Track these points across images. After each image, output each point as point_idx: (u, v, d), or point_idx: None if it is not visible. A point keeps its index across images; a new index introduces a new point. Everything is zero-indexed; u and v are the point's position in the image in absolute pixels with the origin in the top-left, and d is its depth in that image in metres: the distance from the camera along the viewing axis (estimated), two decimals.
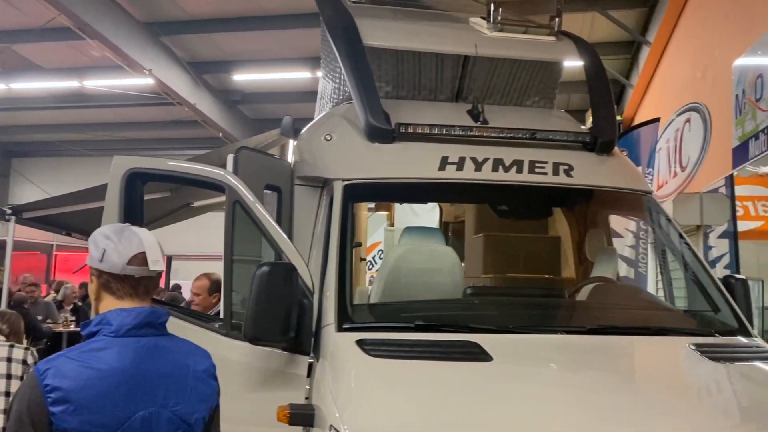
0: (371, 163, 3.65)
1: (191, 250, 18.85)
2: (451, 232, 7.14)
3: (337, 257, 3.24)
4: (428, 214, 9.21)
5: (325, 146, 3.83)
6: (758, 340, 3.21)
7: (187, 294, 12.29)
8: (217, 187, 3.47)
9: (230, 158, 3.78)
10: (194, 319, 3.46)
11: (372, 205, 9.44)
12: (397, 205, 9.31)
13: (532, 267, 5.23)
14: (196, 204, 7.73)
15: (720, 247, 8.69)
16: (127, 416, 1.85)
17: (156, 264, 2.02)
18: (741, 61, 6.51)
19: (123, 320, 1.93)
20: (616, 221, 8.60)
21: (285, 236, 3.26)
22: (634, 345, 3.08)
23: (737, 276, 3.66)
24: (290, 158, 4.73)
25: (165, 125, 18.76)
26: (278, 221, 3.75)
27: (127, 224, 2.14)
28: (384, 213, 9.59)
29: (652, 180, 9.30)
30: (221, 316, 3.43)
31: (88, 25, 11.91)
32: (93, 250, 2.00)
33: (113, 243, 1.99)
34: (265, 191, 3.90)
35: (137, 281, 2.00)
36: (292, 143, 5.14)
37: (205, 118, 16.66)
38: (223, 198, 3.41)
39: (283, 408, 2.77)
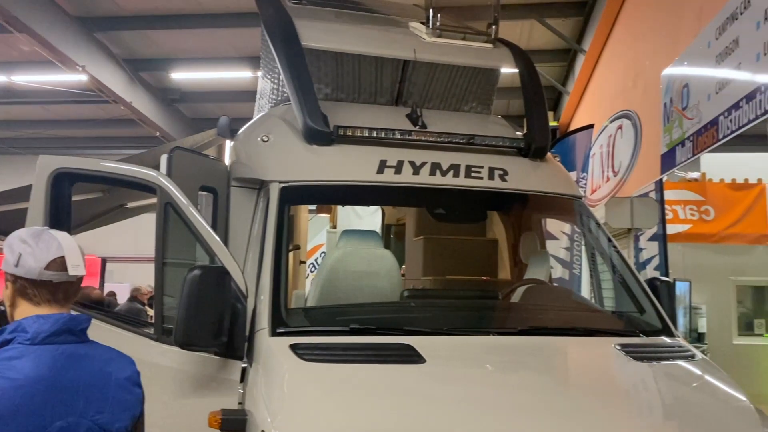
0: (309, 165, 3.63)
1: (126, 252, 18.34)
2: (393, 234, 7.19)
3: (272, 261, 3.20)
4: (371, 217, 9.23)
5: (262, 147, 3.79)
6: (680, 340, 3.34)
7: (122, 299, 11.94)
8: (148, 188, 3.39)
9: (164, 159, 3.70)
10: (124, 324, 3.37)
11: (313, 207, 9.40)
12: (339, 208, 9.30)
13: (470, 269, 5.31)
14: (131, 205, 7.50)
15: (650, 249, 9.03)
16: (44, 427, 1.78)
17: (76, 269, 1.95)
18: (669, 71, 6.78)
19: (40, 327, 1.86)
20: (553, 224, 8.84)
21: (218, 239, 3.21)
22: (562, 346, 3.16)
23: (662, 278, 3.81)
24: (227, 159, 4.66)
25: (100, 123, 18.19)
26: (214, 224, 3.69)
27: (45, 228, 2.06)
28: (326, 215, 9.56)
29: (586, 184, 9.59)
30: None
31: (16, 18, 11.42)
32: (8, 254, 1.92)
33: (30, 247, 1.91)
34: (200, 193, 3.83)
35: (55, 287, 1.93)
36: (228, 144, 5.06)
37: (141, 117, 16.23)
38: None
39: (214, 414, 2.72)
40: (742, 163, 11.23)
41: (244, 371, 3.03)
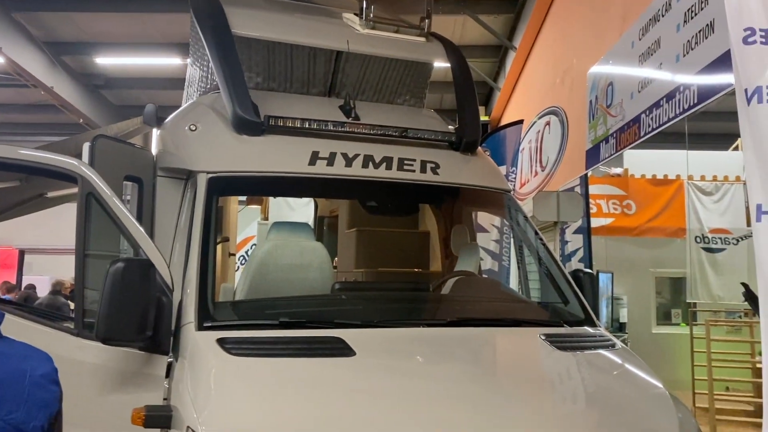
0: (238, 155, 3.56)
1: (47, 243, 17.56)
2: (326, 226, 7.16)
3: (199, 253, 3.13)
4: (303, 209, 9.15)
5: (190, 137, 3.69)
6: (602, 330, 3.47)
7: (42, 292, 11.44)
8: (68, 177, 3.24)
9: (86, 147, 3.55)
10: (42, 319, 3.22)
11: (243, 198, 9.25)
12: (271, 199, 9.17)
13: (402, 261, 5.35)
14: (51, 194, 7.18)
15: (575, 242, 9.34)
16: None
17: None
18: (595, 69, 6.99)
19: None
20: (483, 217, 9.01)
21: (143, 231, 3.11)
22: (490, 336, 3.23)
23: (585, 270, 3.94)
24: (153, 148, 4.52)
25: (18, 108, 17.29)
26: (139, 215, 3.57)
27: None
28: (257, 207, 9.42)
29: (515, 179, 9.81)
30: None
31: None
32: None
33: None
34: (124, 183, 3.70)
35: None
36: (155, 132, 4.91)
37: (63, 103, 15.54)
38: None
39: (138, 410, 2.64)
40: (663, 159, 11.74)
41: (169, 366, 2.96)
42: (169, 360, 2.96)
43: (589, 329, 3.44)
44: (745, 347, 7.71)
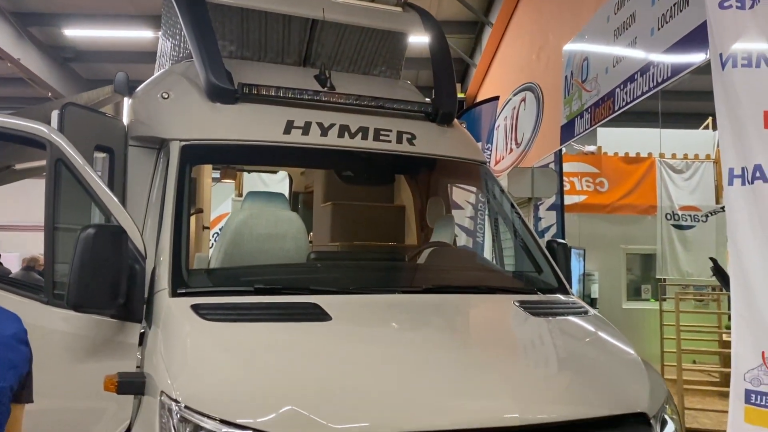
0: (211, 123, 3.51)
1: (15, 220, 17.21)
2: (301, 202, 7.12)
3: (173, 219, 3.09)
4: (278, 184, 9.08)
5: (162, 105, 3.63)
6: (574, 298, 3.52)
7: (11, 269, 11.21)
8: (36, 143, 3.17)
9: (55, 114, 3.47)
10: (11, 287, 3.16)
11: (217, 174, 9.14)
12: (245, 175, 9.08)
13: (378, 235, 5.35)
14: (20, 167, 7.01)
15: (548, 218, 9.42)
16: None
17: None
18: (570, 45, 7.01)
19: None
20: (459, 194, 9.03)
21: (114, 198, 3.06)
22: (465, 302, 3.25)
23: (559, 240, 3.98)
24: (124, 118, 4.44)
25: None
26: (110, 185, 3.50)
27: None
28: (231, 182, 9.32)
29: (490, 156, 9.84)
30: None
31: None
32: None
33: None
34: (95, 153, 3.62)
35: None
36: (126, 101, 4.82)
37: (31, 76, 15.14)
38: None
39: (110, 377, 2.62)
40: (636, 137, 11.87)
41: (142, 335, 2.93)
42: (142, 329, 2.93)
43: (562, 297, 3.48)
44: (712, 319, 7.90)
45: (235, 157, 4.64)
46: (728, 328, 5.08)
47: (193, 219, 5.53)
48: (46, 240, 3.08)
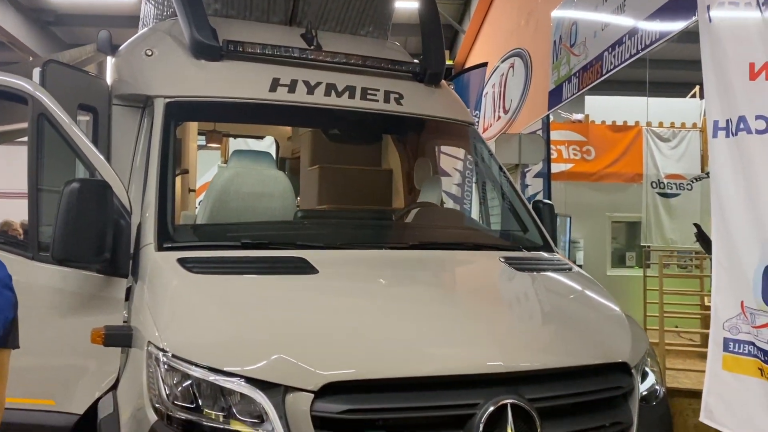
0: (196, 80, 3.48)
1: None
2: (288, 168, 7.09)
3: (158, 175, 3.07)
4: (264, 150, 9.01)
5: (147, 62, 3.59)
6: (559, 256, 3.55)
7: None
8: (17, 98, 3.13)
9: (36, 72, 3.42)
10: None
11: (203, 142, 9.07)
12: (231, 140, 9.01)
13: (365, 199, 5.34)
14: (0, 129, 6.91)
15: (535, 185, 9.46)
16: None
17: None
18: (559, 11, 6.95)
19: None
20: (446, 161, 9.03)
21: (98, 153, 3.03)
22: (451, 257, 3.28)
23: (545, 201, 4.02)
24: (108, 77, 4.38)
25: None
26: (94, 145, 3.47)
27: None
28: (217, 149, 9.25)
29: (478, 123, 9.80)
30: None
31: None
32: None
33: None
34: (78, 112, 3.58)
35: None
36: (109, 60, 4.74)
37: (11, 39, 14.83)
38: None
39: (97, 329, 2.63)
40: (623, 106, 11.87)
41: (129, 290, 2.93)
42: (129, 284, 2.93)
43: (547, 254, 3.52)
44: (694, 284, 8.01)
45: (220, 115, 4.61)
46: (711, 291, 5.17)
47: (178, 180, 5.50)
48: (30, 195, 3.07)
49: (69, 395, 2.95)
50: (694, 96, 12.47)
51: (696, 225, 9.19)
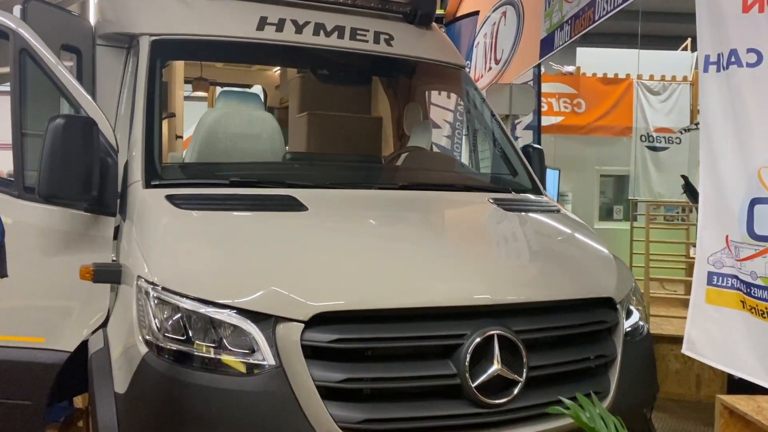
0: (182, 18, 3.41)
1: None
2: (276, 118, 6.99)
3: (144, 112, 3.03)
4: None
5: (131, 0, 3.50)
6: (547, 198, 3.57)
7: None
8: None
9: (17, 9, 3.32)
10: None
11: (190, 92, 8.93)
12: (218, 90, 8.87)
13: (354, 146, 5.31)
14: None
15: (525, 138, 9.43)
16: None
17: None
18: None
19: None
20: (435, 113, 8.96)
21: (82, 90, 2.98)
22: (440, 197, 3.29)
23: (534, 145, 4.01)
24: (91, 18, 4.28)
25: None
26: None
27: None
28: (204, 99, 9.12)
29: (469, 73, 9.71)
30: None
31: None
32: None
33: None
34: (61, 53, 3.50)
35: None
36: (92, 1, 4.64)
37: None
38: None
39: (86, 266, 2.62)
40: (614, 58, 11.78)
41: (117, 229, 2.92)
42: (117, 224, 2.92)
43: (534, 196, 3.53)
44: (681, 235, 8.10)
45: (206, 54, 4.53)
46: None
47: (165, 124, 5.44)
48: (14, 133, 3.02)
49: (58, 333, 2.96)
50: (685, 49, 12.38)
51: (683, 177, 9.24)
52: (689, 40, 12.18)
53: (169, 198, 2.69)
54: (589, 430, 1.20)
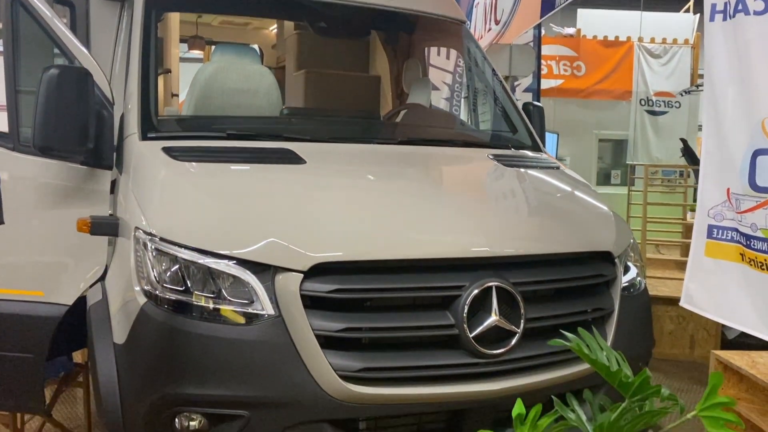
0: None
1: None
2: None
3: (140, 64, 2.98)
4: None
5: None
6: (546, 155, 3.55)
7: None
8: None
9: None
10: None
11: (185, 52, 8.81)
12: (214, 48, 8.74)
13: (352, 105, 5.26)
14: None
15: (524, 100, 9.35)
16: None
17: None
18: None
19: None
20: (435, 74, 8.87)
21: (76, 41, 2.93)
22: (440, 152, 3.27)
23: (535, 103, 3.97)
24: None
25: None
26: None
27: None
28: (200, 58, 9.00)
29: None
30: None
31: None
32: None
33: None
34: (55, 7, 3.43)
35: None
36: None
37: None
38: None
39: (83, 219, 2.60)
40: (616, 20, 11.64)
41: (113, 184, 2.89)
42: (114, 177, 2.90)
43: (535, 153, 3.51)
44: (678, 198, 8.11)
45: (201, 5, 4.45)
46: (693, 206, 5.22)
47: (161, 80, 5.37)
48: (8, 84, 2.97)
49: (57, 287, 2.95)
50: (687, 11, 12.23)
51: (683, 140, 9.21)
52: (692, 1, 12.02)
53: (166, 150, 2.67)
54: (589, 363, 1.20)
